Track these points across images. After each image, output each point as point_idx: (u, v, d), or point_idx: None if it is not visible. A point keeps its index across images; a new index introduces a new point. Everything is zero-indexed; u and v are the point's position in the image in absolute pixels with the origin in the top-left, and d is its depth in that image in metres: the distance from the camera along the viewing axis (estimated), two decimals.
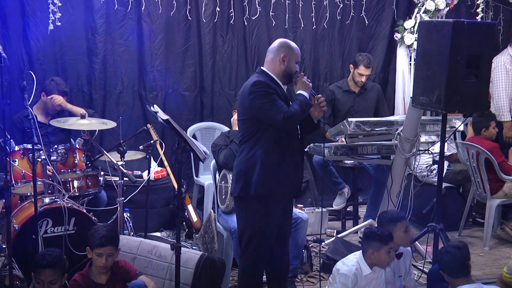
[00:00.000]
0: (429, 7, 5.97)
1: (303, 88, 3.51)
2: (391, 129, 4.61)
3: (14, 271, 3.53)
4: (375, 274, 3.56)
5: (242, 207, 3.61)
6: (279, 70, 3.54)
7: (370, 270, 3.52)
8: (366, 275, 3.52)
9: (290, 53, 3.54)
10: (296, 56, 3.58)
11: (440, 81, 3.81)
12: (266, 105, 3.41)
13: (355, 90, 5.52)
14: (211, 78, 5.81)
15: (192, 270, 3.77)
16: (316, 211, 5.43)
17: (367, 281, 3.54)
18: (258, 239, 3.54)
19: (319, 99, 3.54)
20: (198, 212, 5.32)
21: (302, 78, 3.53)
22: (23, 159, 4.15)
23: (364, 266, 3.54)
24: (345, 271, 3.52)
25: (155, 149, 4.98)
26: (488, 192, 4.98)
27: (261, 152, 3.48)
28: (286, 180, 3.55)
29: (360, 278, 3.51)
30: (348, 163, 5.38)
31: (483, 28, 3.86)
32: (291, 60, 3.54)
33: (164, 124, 3.38)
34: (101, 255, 3.40)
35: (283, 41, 3.61)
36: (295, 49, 3.58)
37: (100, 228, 3.51)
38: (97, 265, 3.43)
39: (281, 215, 3.60)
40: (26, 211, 4.06)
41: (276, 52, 3.55)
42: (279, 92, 3.49)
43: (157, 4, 5.51)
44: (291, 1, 5.88)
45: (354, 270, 3.51)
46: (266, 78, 3.51)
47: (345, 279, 3.49)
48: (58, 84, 4.76)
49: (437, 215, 4.20)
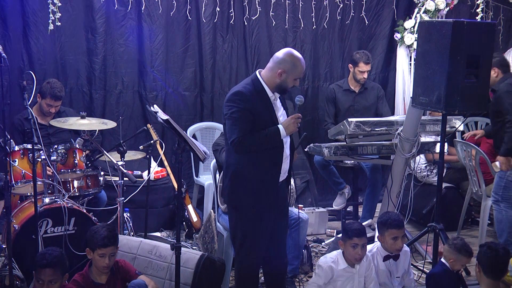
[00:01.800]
0: (429, 7, 5.97)
1: (286, 126, 3.37)
2: (391, 129, 4.61)
3: (14, 271, 3.53)
4: (357, 270, 3.59)
5: (231, 210, 3.64)
6: (274, 82, 3.43)
7: (347, 264, 3.58)
8: (342, 269, 3.58)
9: (291, 70, 3.39)
10: (297, 73, 3.42)
11: (440, 81, 3.81)
12: (229, 120, 3.39)
13: (355, 90, 5.52)
14: (211, 78, 5.81)
15: (192, 270, 3.77)
16: (316, 211, 5.44)
17: (346, 275, 3.59)
18: (250, 242, 3.55)
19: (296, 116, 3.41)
20: (198, 212, 5.32)
21: (295, 118, 3.38)
22: (23, 159, 4.15)
23: (341, 260, 3.61)
24: (322, 262, 3.64)
25: (155, 149, 4.98)
26: (484, 192, 4.97)
27: (235, 160, 3.47)
28: (257, 191, 3.46)
29: (336, 272, 3.58)
30: (349, 163, 5.39)
31: (483, 28, 3.86)
32: (289, 77, 3.40)
33: (164, 124, 3.37)
34: (104, 255, 3.39)
35: (289, 54, 3.42)
36: (298, 66, 3.41)
37: (100, 228, 3.49)
38: (100, 265, 3.42)
39: (267, 220, 3.54)
40: (26, 211, 4.06)
41: (277, 63, 3.41)
42: (256, 106, 3.37)
43: (157, 4, 5.51)
44: (291, 1, 5.88)
45: (330, 263, 3.61)
46: (252, 89, 3.40)
47: (320, 271, 3.61)
48: (52, 87, 4.67)
49: (437, 215, 4.20)
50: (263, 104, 3.42)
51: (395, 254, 3.73)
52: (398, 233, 3.66)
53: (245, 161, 3.45)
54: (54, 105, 4.72)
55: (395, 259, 3.75)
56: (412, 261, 4.00)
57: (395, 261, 3.75)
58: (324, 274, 3.58)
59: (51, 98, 4.68)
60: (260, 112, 3.39)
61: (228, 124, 3.40)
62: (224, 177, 3.61)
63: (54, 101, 4.71)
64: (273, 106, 3.46)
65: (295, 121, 3.39)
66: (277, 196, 3.56)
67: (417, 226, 5.50)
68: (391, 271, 3.75)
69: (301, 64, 3.43)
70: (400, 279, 3.81)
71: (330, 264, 3.59)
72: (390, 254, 3.72)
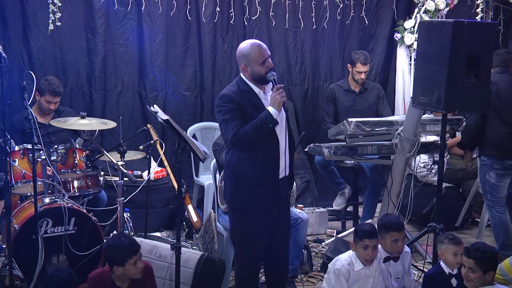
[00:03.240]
0: (429, 7, 5.97)
1: (273, 103, 3.36)
2: (391, 129, 4.61)
3: (14, 271, 3.53)
4: (371, 271, 3.58)
5: (231, 209, 3.65)
6: (249, 77, 3.46)
7: (363, 265, 3.56)
8: (359, 270, 3.57)
9: (248, 60, 3.41)
10: (257, 58, 3.39)
11: (440, 81, 3.81)
12: (222, 123, 3.43)
13: (356, 90, 5.52)
14: (211, 78, 5.81)
15: (192, 270, 3.77)
16: (316, 211, 5.44)
17: (360, 277, 3.58)
18: (248, 243, 3.57)
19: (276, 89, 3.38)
20: (198, 212, 5.32)
21: (275, 91, 3.37)
22: (23, 159, 4.15)
23: (355, 261, 3.59)
24: (339, 265, 3.59)
25: (155, 149, 4.98)
26: None
27: (234, 160, 3.49)
28: (257, 189, 3.47)
29: (353, 273, 3.56)
30: (349, 163, 5.39)
31: (483, 28, 3.86)
32: (252, 65, 3.40)
33: (164, 124, 3.37)
34: (136, 262, 3.23)
35: (239, 49, 3.47)
36: (252, 52, 3.40)
37: (118, 240, 3.30)
38: (136, 272, 3.24)
39: (267, 219, 3.54)
40: (26, 211, 4.06)
41: (239, 62, 3.47)
42: (244, 105, 3.38)
43: (157, 4, 5.51)
44: (291, 1, 5.88)
45: (346, 265, 3.57)
46: (237, 89, 3.44)
47: (338, 274, 3.56)
48: (50, 84, 4.68)
49: (437, 215, 4.20)
50: (250, 101, 3.44)
51: (395, 256, 3.73)
52: (399, 235, 3.66)
53: (244, 159, 3.46)
54: (53, 101, 4.72)
55: (395, 261, 3.74)
56: (412, 261, 3.99)
57: (395, 262, 3.75)
58: (343, 278, 3.54)
59: (49, 94, 4.68)
60: (248, 109, 3.41)
61: (223, 128, 3.44)
62: (225, 177, 3.62)
63: (53, 97, 4.71)
64: (261, 101, 3.47)
65: (277, 93, 3.36)
66: (278, 195, 3.55)
67: (417, 226, 5.50)
68: (390, 272, 3.75)
69: (253, 48, 3.41)
70: (400, 279, 3.81)
71: (347, 266, 3.57)
72: (390, 255, 3.72)
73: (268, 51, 3.47)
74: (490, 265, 3.27)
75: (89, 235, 4.07)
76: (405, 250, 3.81)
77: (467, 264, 3.30)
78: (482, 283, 3.28)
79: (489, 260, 3.27)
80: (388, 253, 3.71)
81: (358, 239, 3.57)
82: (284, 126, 3.52)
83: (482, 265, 3.25)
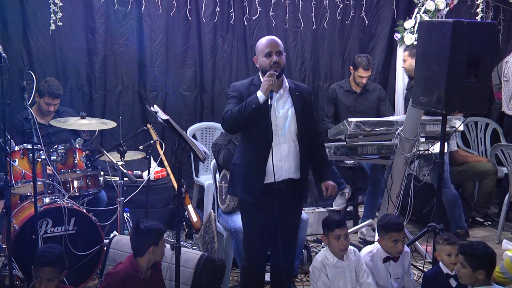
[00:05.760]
0: (429, 7, 5.96)
1: (261, 87, 3.38)
2: (391, 129, 4.61)
3: (14, 271, 3.53)
4: (346, 263, 3.61)
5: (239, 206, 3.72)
6: (260, 71, 3.55)
7: (337, 258, 3.60)
8: (334, 263, 3.60)
9: (257, 51, 3.54)
10: (263, 50, 3.48)
11: (440, 81, 3.81)
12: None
13: (357, 90, 5.52)
14: (211, 78, 5.81)
15: (192, 270, 3.76)
16: (316, 211, 5.44)
17: (337, 271, 3.60)
18: (249, 239, 3.64)
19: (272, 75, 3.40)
20: (198, 212, 5.32)
21: (266, 76, 3.39)
22: (23, 159, 4.15)
23: (329, 255, 3.62)
24: (314, 263, 3.67)
25: (155, 149, 4.98)
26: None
27: (237, 154, 3.67)
28: (247, 184, 3.55)
29: (329, 268, 3.60)
30: (349, 163, 5.39)
31: (483, 28, 3.85)
32: (259, 57, 3.52)
33: (164, 124, 3.37)
34: (163, 242, 3.43)
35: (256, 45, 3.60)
36: (260, 44, 3.52)
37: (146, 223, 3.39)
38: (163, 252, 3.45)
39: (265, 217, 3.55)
40: (26, 211, 4.06)
41: None
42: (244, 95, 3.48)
43: (157, 4, 5.51)
44: (291, 1, 5.88)
45: (320, 260, 3.63)
46: (248, 82, 3.59)
47: (314, 270, 3.63)
48: (49, 85, 4.68)
49: (437, 215, 4.20)
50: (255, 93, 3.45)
51: (395, 256, 3.73)
52: (398, 236, 3.67)
53: (240, 155, 3.60)
54: (52, 103, 4.72)
55: (395, 261, 3.75)
56: (412, 261, 4.00)
57: (394, 262, 3.75)
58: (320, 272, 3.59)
59: (49, 96, 4.68)
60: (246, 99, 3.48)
61: None
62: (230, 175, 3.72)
63: (52, 99, 4.71)
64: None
65: (266, 78, 3.39)
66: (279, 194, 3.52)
67: (417, 226, 5.50)
68: (390, 273, 3.75)
69: (263, 41, 3.53)
70: (400, 280, 3.81)
71: (321, 260, 3.62)
72: (390, 256, 3.72)
73: (280, 47, 3.49)
74: (480, 263, 3.25)
75: (89, 235, 4.08)
76: (405, 250, 3.81)
77: (459, 259, 3.33)
78: (474, 281, 3.28)
79: (479, 258, 3.26)
80: (388, 253, 3.71)
81: (328, 230, 3.61)
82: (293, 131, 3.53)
83: (471, 261, 3.25)
